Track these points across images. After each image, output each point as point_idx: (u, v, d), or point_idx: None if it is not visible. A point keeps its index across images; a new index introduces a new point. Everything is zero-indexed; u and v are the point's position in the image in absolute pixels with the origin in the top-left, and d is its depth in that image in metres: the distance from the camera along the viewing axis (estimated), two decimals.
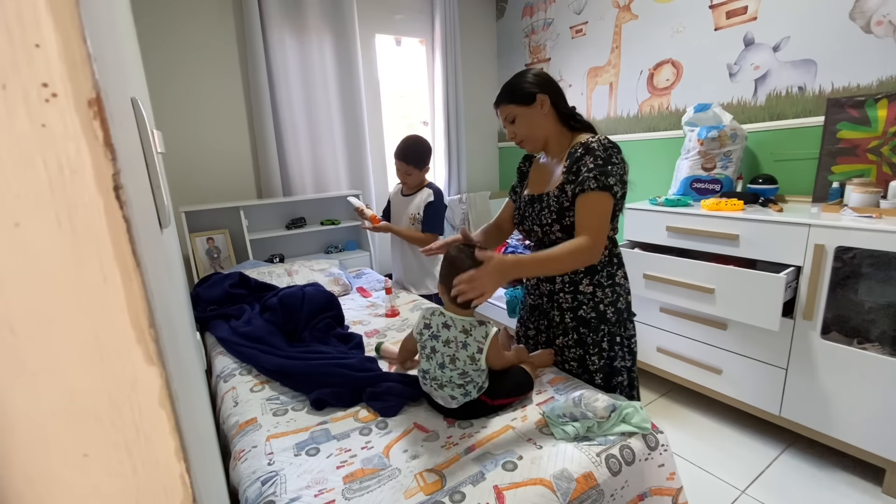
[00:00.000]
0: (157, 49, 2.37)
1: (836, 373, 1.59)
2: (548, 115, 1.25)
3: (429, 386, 1.22)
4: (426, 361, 1.22)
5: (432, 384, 1.21)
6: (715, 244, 1.85)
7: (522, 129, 1.26)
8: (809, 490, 1.59)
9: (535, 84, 1.23)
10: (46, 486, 0.26)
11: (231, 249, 2.62)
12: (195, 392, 0.75)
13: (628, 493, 1.05)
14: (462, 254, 1.17)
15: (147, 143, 0.62)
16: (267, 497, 0.96)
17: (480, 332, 1.17)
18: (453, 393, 1.17)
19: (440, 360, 1.18)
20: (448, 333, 1.18)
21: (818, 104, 1.93)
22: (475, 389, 1.18)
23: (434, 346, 1.19)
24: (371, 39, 3.04)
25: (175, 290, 0.77)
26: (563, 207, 1.21)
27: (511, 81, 1.27)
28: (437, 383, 1.19)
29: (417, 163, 2.01)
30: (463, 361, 1.15)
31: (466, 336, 1.16)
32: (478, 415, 1.21)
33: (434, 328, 1.21)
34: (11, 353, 0.24)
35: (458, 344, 1.16)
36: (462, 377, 1.16)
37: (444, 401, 1.20)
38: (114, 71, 0.41)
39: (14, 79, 0.23)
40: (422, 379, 1.26)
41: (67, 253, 0.25)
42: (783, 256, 1.66)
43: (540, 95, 1.22)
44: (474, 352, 1.15)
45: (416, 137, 2.05)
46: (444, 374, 1.17)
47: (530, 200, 1.31)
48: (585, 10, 2.86)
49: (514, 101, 1.25)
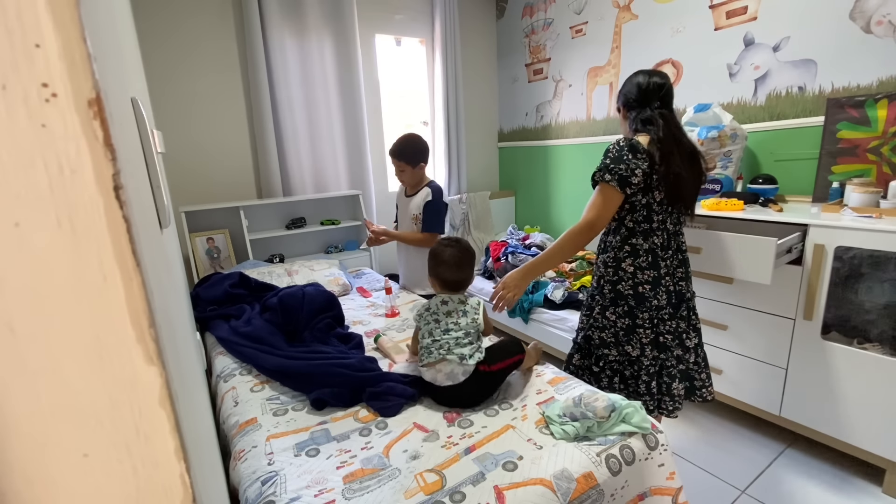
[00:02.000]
0: (158, 49, 2.37)
1: (836, 373, 1.59)
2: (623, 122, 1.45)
3: (434, 355, 1.27)
4: (429, 336, 1.31)
5: (439, 353, 1.26)
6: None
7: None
8: (809, 490, 1.59)
9: (623, 94, 1.41)
10: (46, 486, 0.26)
11: (231, 249, 2.62)
12: (195, 392, 0.75)
13: (628, 493, 1.06)
14: (443, 247, 1.39)
15: (147, 143, 0.62)
16: (267, 497, 0.96)
17: (473, 301, 1.38)
18: (463, 351, 1.26)
19: (445, 325, 1.32)
20: (447, 307, 1.35)
21: (818, 104, 1.93)
22: (477, 352, 1.28)
23: (437, 318, 1.34)
24: (371, 39, 3.04)
25: (175, 290, 0.77)
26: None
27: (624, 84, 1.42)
28: (444, 350, 1.26)
29: (409, 160, 2.01)
30: (466, 323, 1.32)
31: (464, 305, 1.36)
32: (482, 391, 1.28)
33: (433, 308, 1.36)
34: (11, 353, 0.24)
35: (459, 312, 1.34)
36: (466, 336, 1.29)
37: (451, 376, 1.25)
38: (114, 71, 0.41)
39: (14, 79, 0.23)
40: (425, 358, 1.29)
41: (67, 253, 0.25)
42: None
43: (623, 109, 1.43)
44: (473, 315, 1.34)
45: (410, 135, 2.05)
46: (450, 337, 1.29)
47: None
48: (585, 10, 2.86)
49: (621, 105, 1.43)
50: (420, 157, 2.04)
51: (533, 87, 3.35)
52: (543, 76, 3.24)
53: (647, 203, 1.32)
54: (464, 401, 1.27)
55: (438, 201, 2.03)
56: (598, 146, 2.95)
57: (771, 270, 1.52)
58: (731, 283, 1.82)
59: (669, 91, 1.35)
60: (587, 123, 2.99)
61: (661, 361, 1.40)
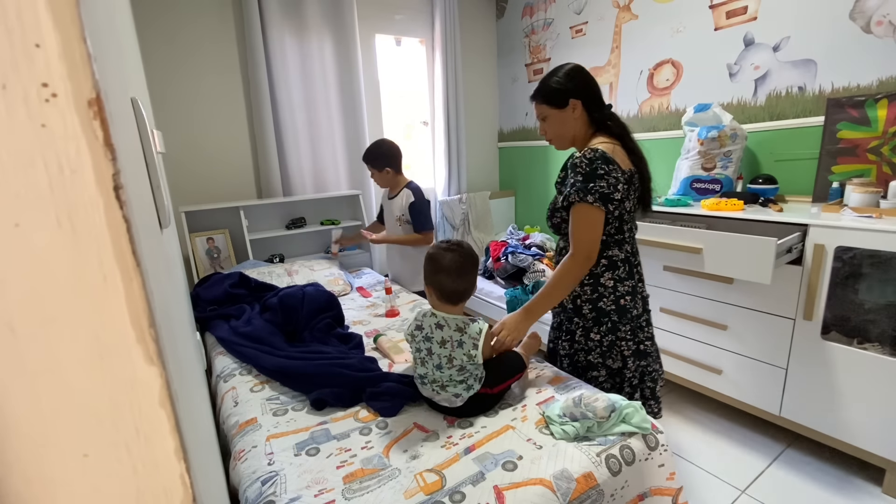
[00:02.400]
0: (158, 49, 2.36)
1: (836, 373, 1.59)
2: (579, 118, 1.29)
3: (429, 389, 1.22)
4: (422, 366, 1.23)
5: (433, 387, 1.21)
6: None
7: (552, 129, 1.33)
8: (809, 490, 1.59)
9: (570, 87, 1.27)
10: (46, 486, 0.26)
11: (231, 249, 2.61)
12: (195, 392, 0.75)
13: (628, 493, 1.05)
14: (441, 251, 1.23)
15: (147, 143, 0.62)
16: (267, 497, 0.96)
17: (474, 329, 1.18)
18: (456, 391, 1.17)
19: (437, 361, 1.19)
20: (442, 334, 1.20)
21: (818, 104, 1.93)
22: (476, 381, 1.19)
23: (430, 347, 1.20)
24: (371, 39, 3.04)
25: (175, 290, 0.77)
26: (554, 208, 1.31)
27: (547, 79, 1.31)
28: (437, 385, 1.20)
29: (373, 164, 2.14)
30: (460, 360, 1.17)
31: (461, 334, 1.18)
32: (484, 409, 1.22)
33: (427, 329, 1.22)
34: (11, 353, 0.24)
35: (454, 343, 1.18)
36: (461, 373, 1.17)
37: (448, 402, 1.20)
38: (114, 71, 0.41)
39: (14, 79, 0.23)
40: (420, 384, 1.26)
41: (67, 253, 0.25)
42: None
43: (573, 100, 1.26)
44: (470, 349, 1.17)
45: (378, 140, 2.19)
46: (442, 374, 1.18)
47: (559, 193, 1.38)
48: (585, 10, 2.86)
49: (547, 101, 1.29)
50: (384, 161, 2.14)
51: (533, 87, 3.34)
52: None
53: (619, 214, 1.25)
54: (463, 414, 1.22)
55: (420, 200, 2.12)
56: None
57: (771, 270, 1.52)
58: (731, 283, 1.82)
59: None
60: None
61: (643, 368, 1.37)
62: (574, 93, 1.26)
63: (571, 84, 1.27)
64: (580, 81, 1.27)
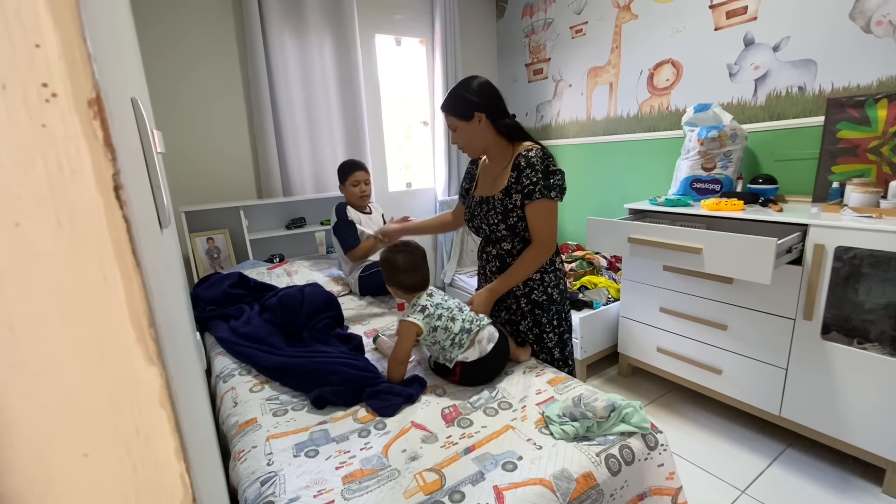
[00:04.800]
0: (158, 49, 2.36)
1: (836, 373, 1.59)
2: (485, 129, 1.39)
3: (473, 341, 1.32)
4: (452, 322, 1.34)
5: (475, 332, 1.33)
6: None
7: (461, 140, 1.43)
8: (809, 490, 1.59)
9: (475, 101, 1.35)
10: (46, 486, 0.26)
11: (231, 249, 2.62)
12: (195, 392, 0.75)
13: (628, 493, 1.06)
14: (393, 254, 1.42)
15: (147, 143, 0.62)
16: (266, 497, 0.96)
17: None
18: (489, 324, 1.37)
19: (459, 308, 1.38)
20: (438, 297, 1.40)
21: (818, 104, 1.93)
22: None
23: (447, 304, 1.38)
24: (371, 39, 3.04)
25: (175, 290, 0.77)
26: (507, 209, 1.39)
27: (455, 92, 1.39)
28: (476, 326, 1.34)
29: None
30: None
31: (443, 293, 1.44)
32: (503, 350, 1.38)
33: (430, 309, 1.36)
34: (11, 353, 0.24)
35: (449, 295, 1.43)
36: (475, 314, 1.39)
37: (492, 339, 1.34)
38: (114, 71, 0.41)
39: (14, 79, 0.23)
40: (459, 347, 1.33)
41: (67, 253, 0.25)
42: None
43: (477, 113, 1.35)
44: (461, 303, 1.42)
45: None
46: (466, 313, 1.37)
47: (480, 201, 1.47)
48: (585, 10, 2.86)
49: (454, 113, 1.38)
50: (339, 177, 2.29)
51: (533, 87, 3.35)
52: (543, 76, 3.25)
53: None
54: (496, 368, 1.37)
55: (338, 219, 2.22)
56: (597, 146, 2.95)
57: (771, 270, 1.52)
58: (731, 283, 1.82)
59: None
60: (587, 123, 2.99)
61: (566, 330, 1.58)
62: (479, 106, 1.35)
63: (477, 98, 1.35)
64: (485, 95, 1.36)
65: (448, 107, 1.39)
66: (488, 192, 1.45)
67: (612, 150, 2.86)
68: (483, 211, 1.45)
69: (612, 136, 2.84)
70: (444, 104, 1.41)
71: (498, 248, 1.49)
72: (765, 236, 1.54)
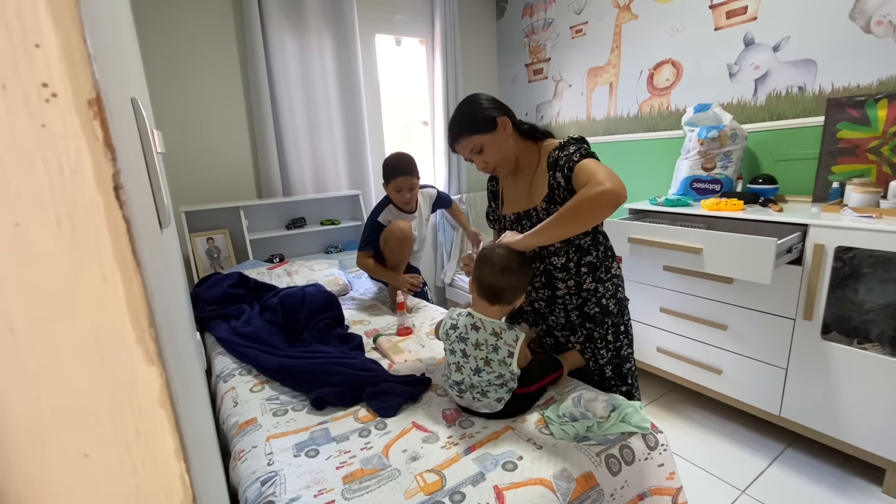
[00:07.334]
0: (158, 49, 2.36)
1: (836, 373, 1.59)
2: (511, 134, 1.27)
3: (468, 397, 1.20)
4: (457, 372, 1.21)
5: (472, 394, 1.19)
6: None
7: (494, 156, 1.26)
8: (809, 490, 1.59)
9: (492, 108, 1.25)
10: (46, 486, 0.26)
11: (231, 249, 2.61)
12: (195, 392, 0.75)
13: (628, 493, 1.05)
14: (493, 248, 1.20)
15: (147, 143, 0.62)
16: (266, 497, 0.96)
17: (510, 336, 1.16)
18: (498, 395, 1.17)
19: (473, 365, 1.17)
20: (477, 336, 1.17)
21: (818, 104, 1.93)
22: (514, 381, 1.18)
23: (464, 349, 1.18)
24: (371, 39, 3.03)
25: (175, 290, 0.77)
26: (551, 203, 1.23)
27: (464, 113, 1.27)
28: (477, 391, 1.18)
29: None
30: (497, 363, 1.15)
31: (497, 339, 1.15)
32: (522, 409, 1.21)
33: (462, 329, 1.20)
34: (11, 353, 0.24)
35: (489, 347, 1.15)
36: (499, 379, 1.16)
37: (489, 408, 1.18)
38: (114, 71, 0.41)
39: (14, 79, 0.23)
40: (456, 392, 1.23)
41: (67, 253, 0.25)
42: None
43: (500, 119, 1.24)
44: (505, 356, 1.15)
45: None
46: (481, 379, 1.16)
47: (517, 218, 1.32)
48: (585, 10, 2.86)
49: (477, 130, 1.24)
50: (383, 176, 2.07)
51: (533, 87, 3.35)
52: (543, 76, 3.24)
53: None
54: (503, 416, 1.20)
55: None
56: (598, 146, 2.94)
57: (771, 270, 1.52)
58: (731, 283, 1.82)
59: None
60: (587, 123, 2.99)
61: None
62: (498, 111, 1.25)
63: (491, 105, 1.25)
64: (496, 102, 1.27)
65: (465, 130, 1.25)
66: (525, 205, 1.30)
67: (612, 150, 2.85)
68: (525, 228, 1.27)
69: (612, 136, 2.84)
70: (460, 131, 1.26)
71: (546, 262, 1.29)
72: (765, 236, 1.54)
